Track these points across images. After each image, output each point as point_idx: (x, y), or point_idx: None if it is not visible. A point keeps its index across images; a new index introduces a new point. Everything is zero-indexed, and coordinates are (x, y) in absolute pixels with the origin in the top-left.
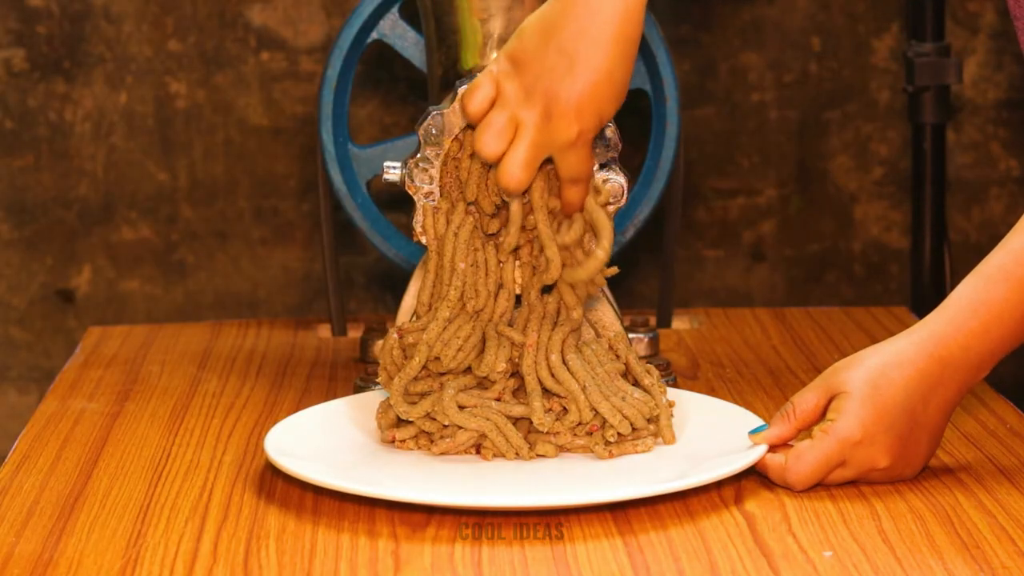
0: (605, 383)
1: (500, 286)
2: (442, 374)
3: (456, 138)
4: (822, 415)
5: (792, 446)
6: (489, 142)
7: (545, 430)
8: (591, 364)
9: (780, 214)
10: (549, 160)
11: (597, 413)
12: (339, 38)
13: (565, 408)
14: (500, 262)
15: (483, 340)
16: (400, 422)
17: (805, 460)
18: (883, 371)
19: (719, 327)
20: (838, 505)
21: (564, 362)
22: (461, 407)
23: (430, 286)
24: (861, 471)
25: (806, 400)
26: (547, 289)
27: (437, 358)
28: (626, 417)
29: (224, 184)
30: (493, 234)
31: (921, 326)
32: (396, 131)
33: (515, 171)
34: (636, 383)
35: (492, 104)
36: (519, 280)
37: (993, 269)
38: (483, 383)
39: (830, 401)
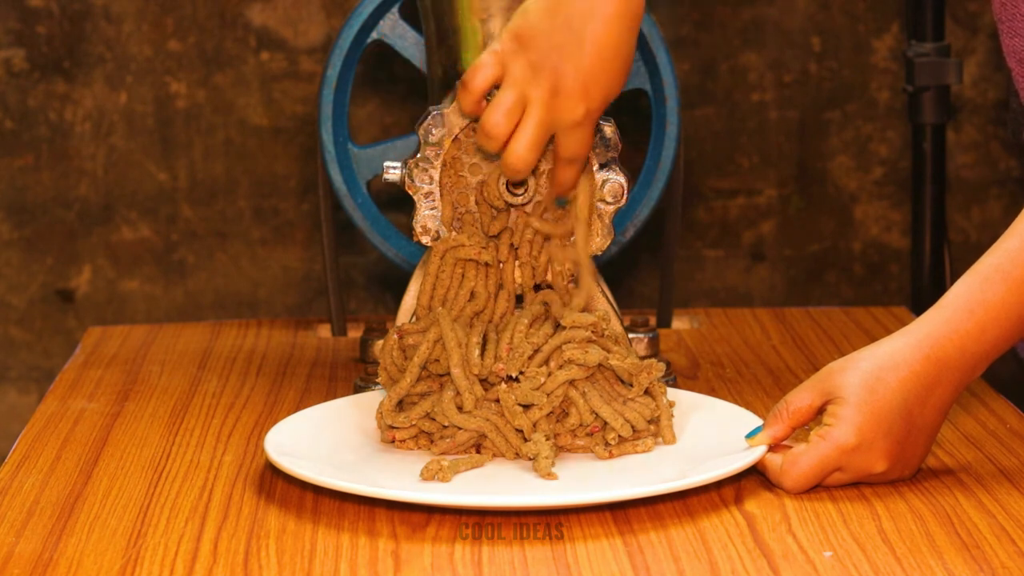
0: (604, 388)
1: (500, 286)
2: (442, 375)
3: (456, 138)
4: (815, 415)
5: (789, 447)
6: (500, 121)
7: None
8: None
9: (780, 214)
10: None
11: (598, 416)
12: (339, 38)
13: (565, 411)
14: (500, 262)
15: (483, 341)
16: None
17: (800, 465)
18: (878, 374)
19: (719, 327)
20: (838, 505)
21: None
22: (460, 408)
23: (430, 289)
24: (858, 476)
25: (800, 399)
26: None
27: (436, 360)
28: (628, 421)
29: (224, 184)
30: (494, 236)
31: (916, 326)
32: (396, 131)
33: (523, 152)
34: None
35: (495, 83)
36: (519, 280)
37: (989, 270)
38: (483, 384)
39: (824, 403)
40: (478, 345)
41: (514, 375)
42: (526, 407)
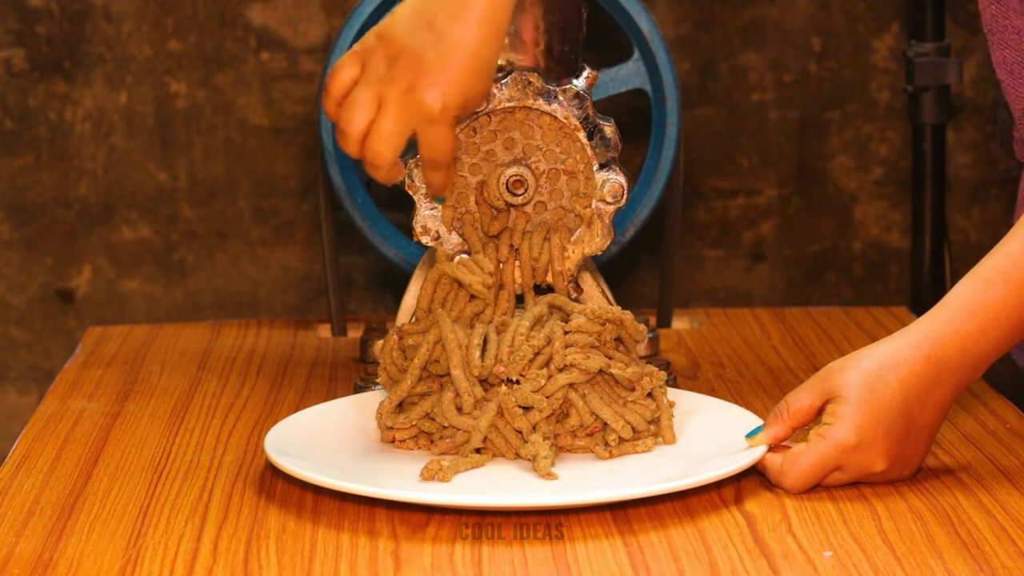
0: (604, 390)
1: (500, 286)
2: (442, 376)
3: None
4: (816, 415)
5: (789, 447)
6: (352, 120)
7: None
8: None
9: (780, 214)
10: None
11: (598, 417)
12: (339, 38)
13: (566, 412)
14: (500, 263)
15: (484, 342)
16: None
17: (800, 465)
18: (878, 373)
19: (719, 327)
20: (838, 505)
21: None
22: (459, 409)
23: (430, 292)
24: (858, 475)
25: (800, 399)
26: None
27: (436, 360)
28: (628, 422)
29: (224, 184)
30: (494, 236)
31: (917, 326)
32: None
33: (377, 146)
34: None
35: (354, 82)
36: (519, 280)
37: (991, 271)
38: (483, 385)
39: (825, 402)
40: (478, 347)
41: (514, 378)
42: (526, 409)
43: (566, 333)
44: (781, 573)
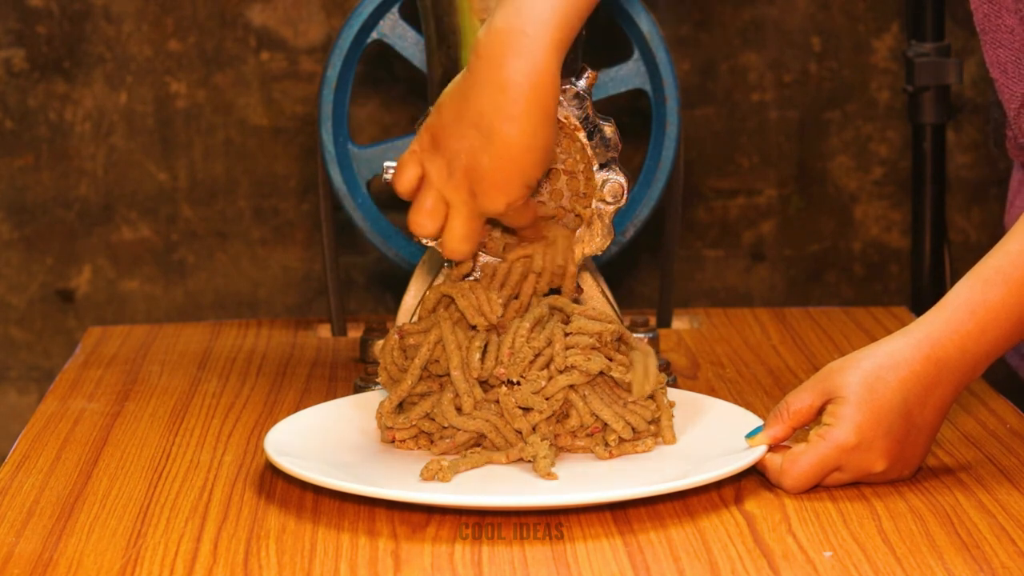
0: (604, 390)
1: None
2: (441, 376)
3: None
4: (816, 415)
5: (788, 447)
6: (423, 223)
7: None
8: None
9: (780, 214)
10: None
11: (598, 417)
12: (339, 38)
13: (566, 412)
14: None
15: (484, 346)
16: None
17: (800, 465)
18: (878, 373)
19: (719, 327)
20: (838, 505)
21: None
22: (459, 410)
23: (431, 307)
24: (858, 476)
25: (800, 400)
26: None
27: (436, 360)
28: (628, 423)
29: (224, 184)
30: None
31: (916, 326)
32: (396, 131)
33: (456, 246)
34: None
35: (420, 181)
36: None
37: (991, 271)
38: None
39: (825, 403)
40: (479, 349)
41: (515, 380)
42: (526, 410)
43: (567, 335)
44: (781, 573)
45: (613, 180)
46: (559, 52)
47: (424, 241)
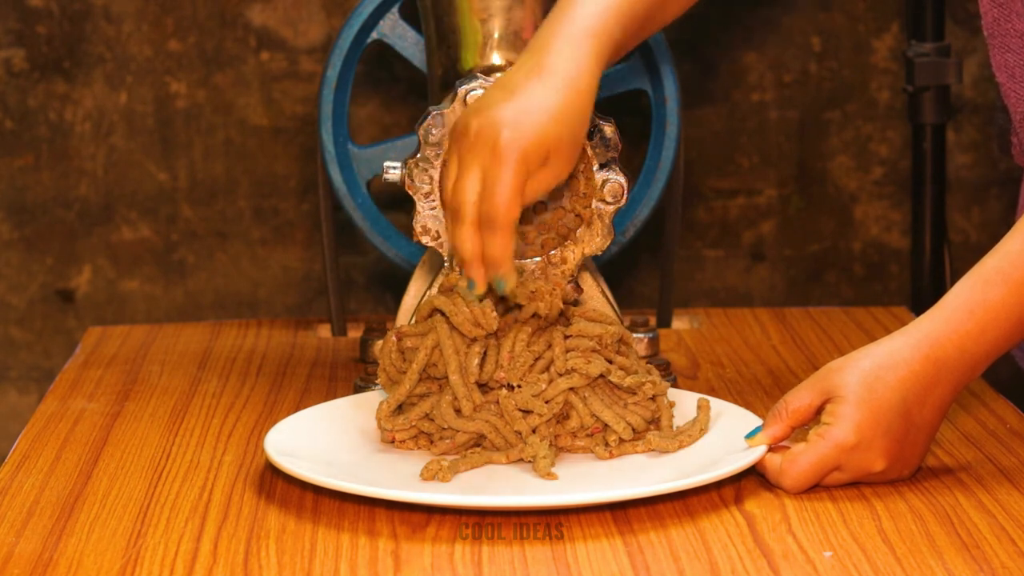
0: (605, 391)
1: (501, 297)
2: (440, 378)
3: None
4: (815, 415)
5: (788, 447)
6: (464, 187)
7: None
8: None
9: (780, 214)
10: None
11: (598, 418)
12: (339, 38)
13: (566, 413)
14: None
15: (484, 352)
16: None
17: (799, 464)
18: (877, 373)
19: (719, 327)
20: (838, 505)
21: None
22: (458, 412)
23: (424, 316)
24: (857, 475)
25: (799, 399)
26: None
27: (435, 364)
28: (629, 424)
29: (224, 184)
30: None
31: (916, 326)
32: (396, 131)
33: (499, 202)
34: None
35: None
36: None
37: (990, 271)
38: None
39: (824, 402)
40: (479, 355)
41: (515, 383)
42: (526, 412)
43: (567, 337)
44: (781, 573)
45: (613, 180)
46: (598, 59)
47: (424, 241)
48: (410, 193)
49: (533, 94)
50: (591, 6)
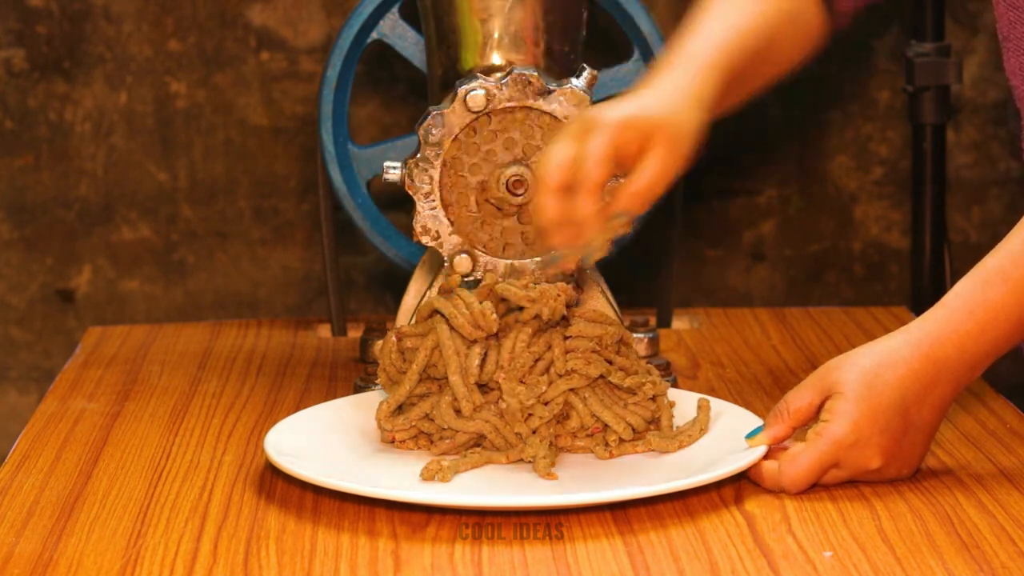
0: (605, 392)
1: (502, 299)
2: (439, 378)
3: (456, 138)
4: (816, 413)
5: (787, 447)
6: (557, 153)
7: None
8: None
9: (780, 214)
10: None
11: (598, 419)
12: (339, 38)
13: (566, 414)
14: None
15: (484, 353)
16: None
17: (799, 463)
18: (877, 371)
19: (719, 327)
20: (838, 505)
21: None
22: (458, 412)
23: (424, 316)
24: (855, 472)
25: (800, 398)
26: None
27: (435, 364)
28: (629, 424)
29: (224, 184)
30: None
31: (916, 325)
32: (396, 131)
33: (645, 185)
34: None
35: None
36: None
37: (991, 271)
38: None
39: (824, 400)
40: (479, 356)
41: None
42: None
43: (566, 338)
44: (781, 573)
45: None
46: (703, 80)
47: (424, 241)
48: (410, 193)
49: (637, 94)
50: (699, 40)
